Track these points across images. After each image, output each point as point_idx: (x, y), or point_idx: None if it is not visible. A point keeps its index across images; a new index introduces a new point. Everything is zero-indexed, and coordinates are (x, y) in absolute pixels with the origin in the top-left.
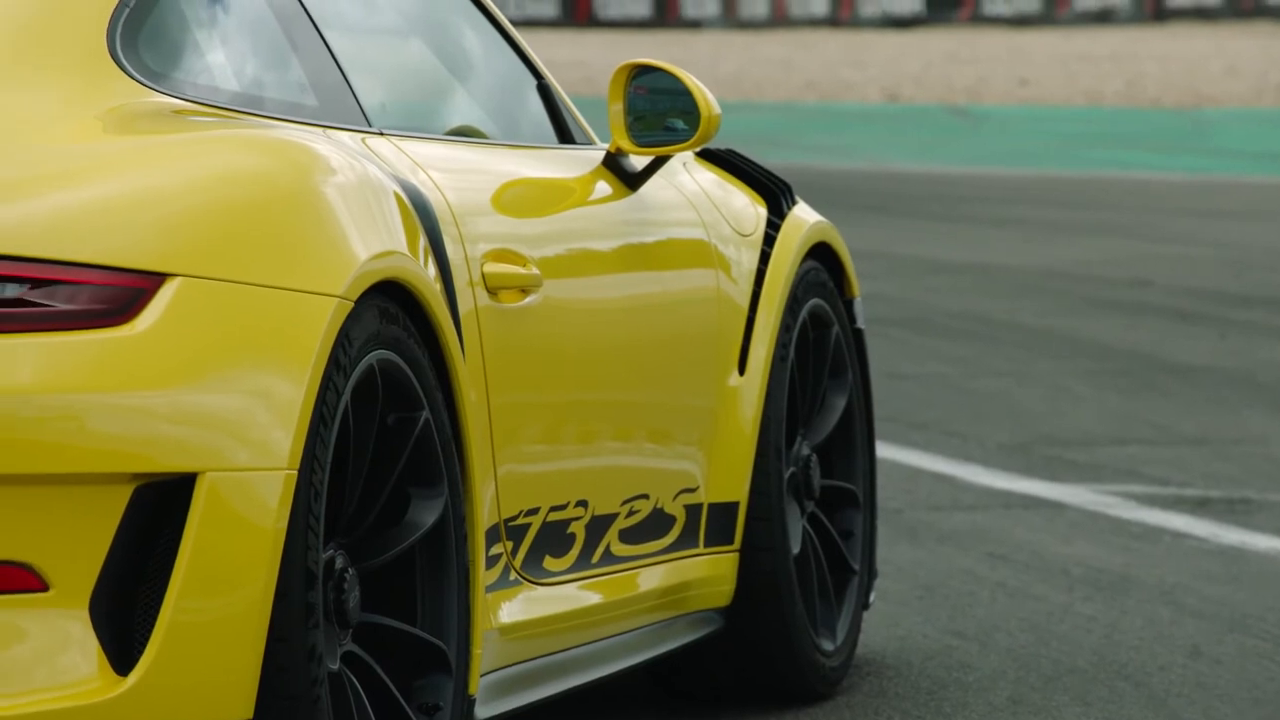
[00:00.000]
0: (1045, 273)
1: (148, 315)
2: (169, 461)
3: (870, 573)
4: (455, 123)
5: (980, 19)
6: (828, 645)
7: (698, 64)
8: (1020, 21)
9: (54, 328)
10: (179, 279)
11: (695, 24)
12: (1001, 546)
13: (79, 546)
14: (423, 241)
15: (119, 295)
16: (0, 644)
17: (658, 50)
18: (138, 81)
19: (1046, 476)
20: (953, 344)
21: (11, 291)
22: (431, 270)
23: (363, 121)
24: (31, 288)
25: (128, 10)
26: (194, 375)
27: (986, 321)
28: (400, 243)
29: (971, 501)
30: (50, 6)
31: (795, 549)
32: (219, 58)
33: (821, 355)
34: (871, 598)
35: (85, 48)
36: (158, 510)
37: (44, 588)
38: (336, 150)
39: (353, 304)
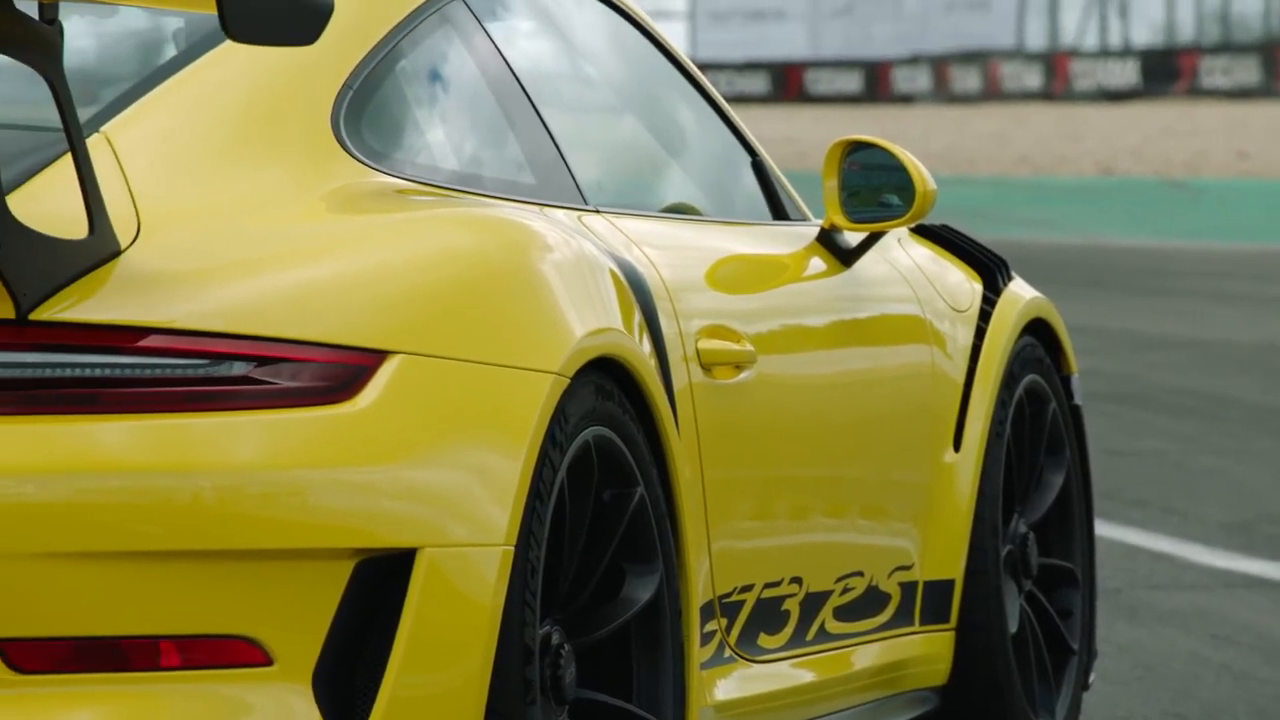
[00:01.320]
0: (1266, 348)
1: (369, 392)
2: (389, 537)
3: (1089, 652)
4: (670, 199)
5: (1197, 91)
6: None
7: (909, 138)
8: (1239, 94)
9: (279, 405)
10: (399, 356)
11: (907, 99)
12: (1224, 627)
13: (302, 621)
14: (638, 318)
15: (341, 373)
16: (226, 718)
17: (869, 125)
18: (360, 162)
19: (1270, 556)
20: (1171, 420)
21: (239, 369)
22: (646, 346)
23: (579, 199)
24: (258, 365)
25: (351, 92)
26: (414, 451)
27: (1205, 398)
28: (616, 319)
29: (1192, 581)
30: (277, 89)
31: (1012, 628)
32: (438, 136)
33: (1038, 432)
34: (1091, 678)
35: (310, 129)
36: (378, 585)
37: (268, 662)
38: (553, 228)
39: (569, 380)
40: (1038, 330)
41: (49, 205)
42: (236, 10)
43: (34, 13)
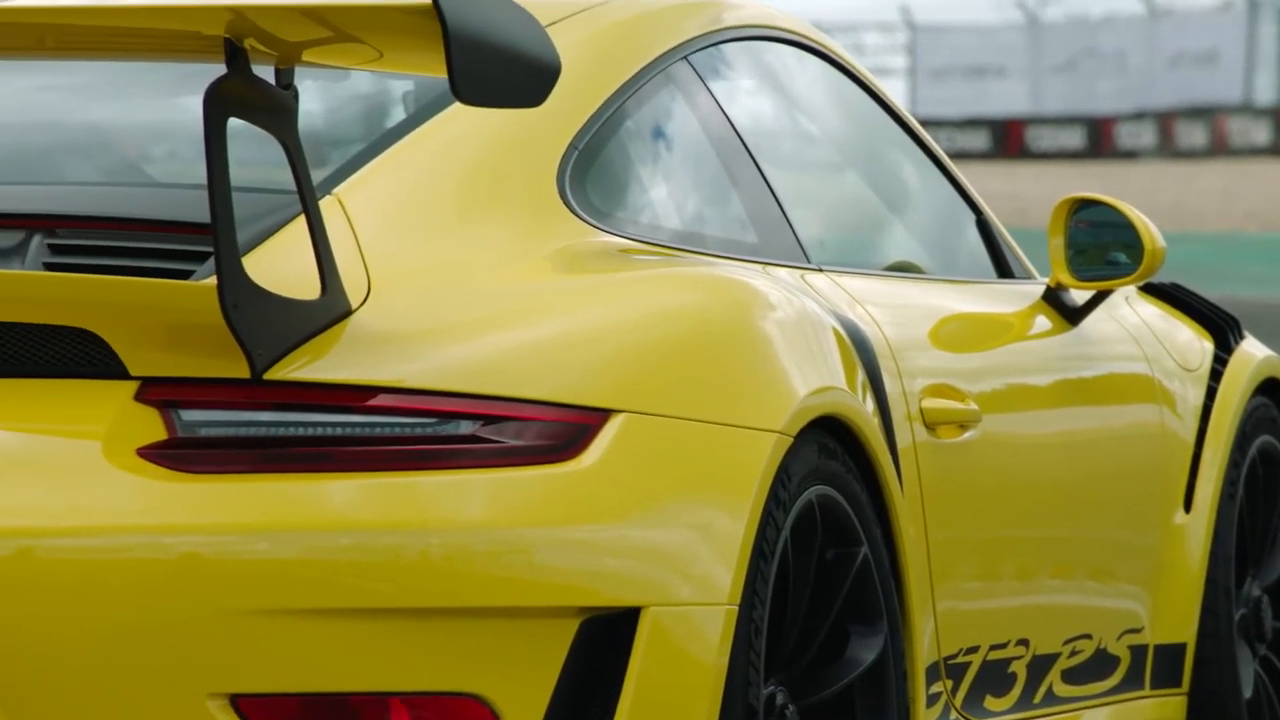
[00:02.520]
0: None
1: (593, 451)
2: (614, 595)
3: None
4: (893, 257)
5: None
6: None
7: (1134, 195)
8: None
9: (505, 463)
10: (623, 415)
11: (1130, 154)
12: None
13: (529, 679)
14: (861, 376)
15: (566, 431)
16: None
17: (1092, 182)
18: (584, 221)
19: None
20: None
21: (465, 428)
22: (870, 405)
23: (801, 257)
24: (484, 424)
25: (576, 152)
26: (637, 510)
27: None
28: (839, 378)
29: None
30: (503, 150)
31: (1247, 693)
32: (661, 195)
33: (1272, 493)
34: None
35: (536, 190)
36: (603, 644)
37: None
38: (775, 286)
39: (792, 439)
40: (1271, 390)
41: (283, 266)
42: (466, 73)
43: (270, 78)
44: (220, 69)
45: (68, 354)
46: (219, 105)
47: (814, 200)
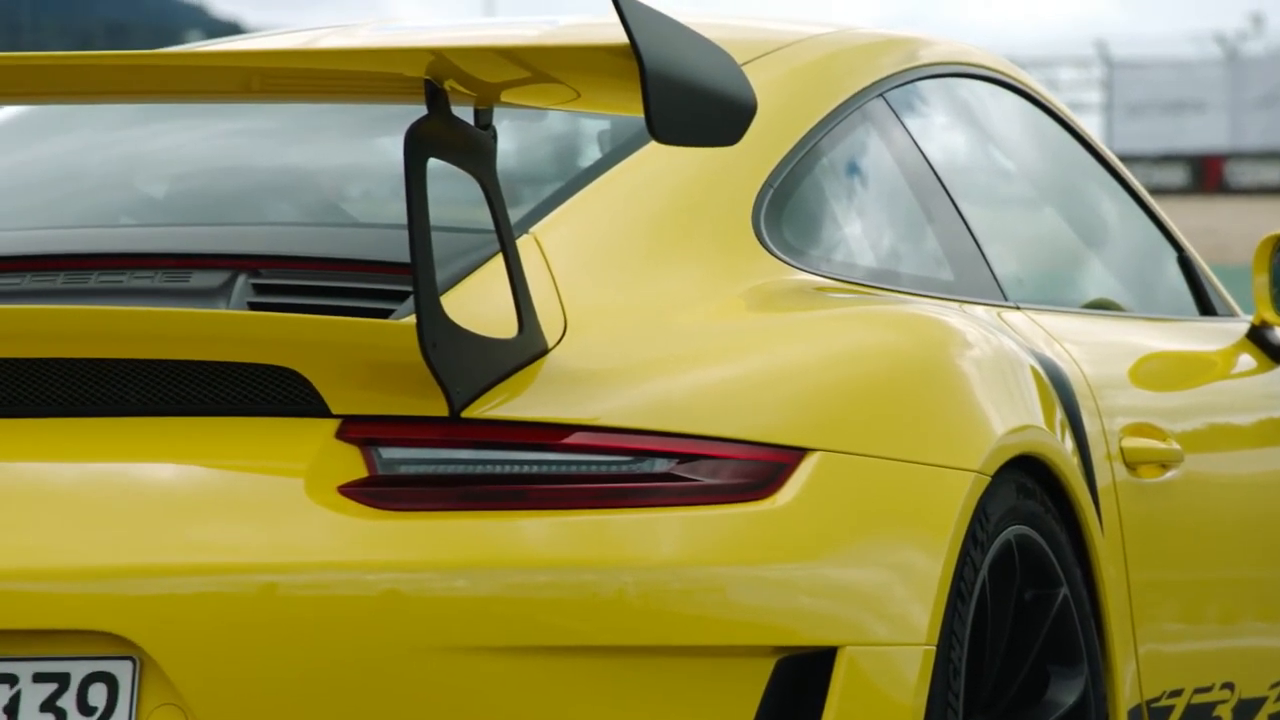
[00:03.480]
0: None
1: (788, 489)
2: (810, 635)
3: None
4: (1091, 294)
5: None
6: None
7: None
8: None
9: (700, 501)
10: (819, 453)
11: None
12: None
13: (724, 718)
14: (1059, 415)
15: (761, 470)
16: None
17: None
18: (779, 259)
19: None
20: None
21: (660, 466)
22: (1069, 444)
23: (998, 295)
24: (679, 462)
25: (772, 190)
26: (833, 549)
27: None
28: (1037, 416)
29: None
30: (699, 189)
31: None
32: (856, 232)
33: None
34: None
35: (731, 228)
36: (798, 684)
37: None
38: (971, 325)
39: (990, 479)
40: None
41: (480, 305)
42: (663, 112)
43: (469, 118)
44: (415, 110)
45: (270, 392)
46: (419, 146)
47: (1011, 237)
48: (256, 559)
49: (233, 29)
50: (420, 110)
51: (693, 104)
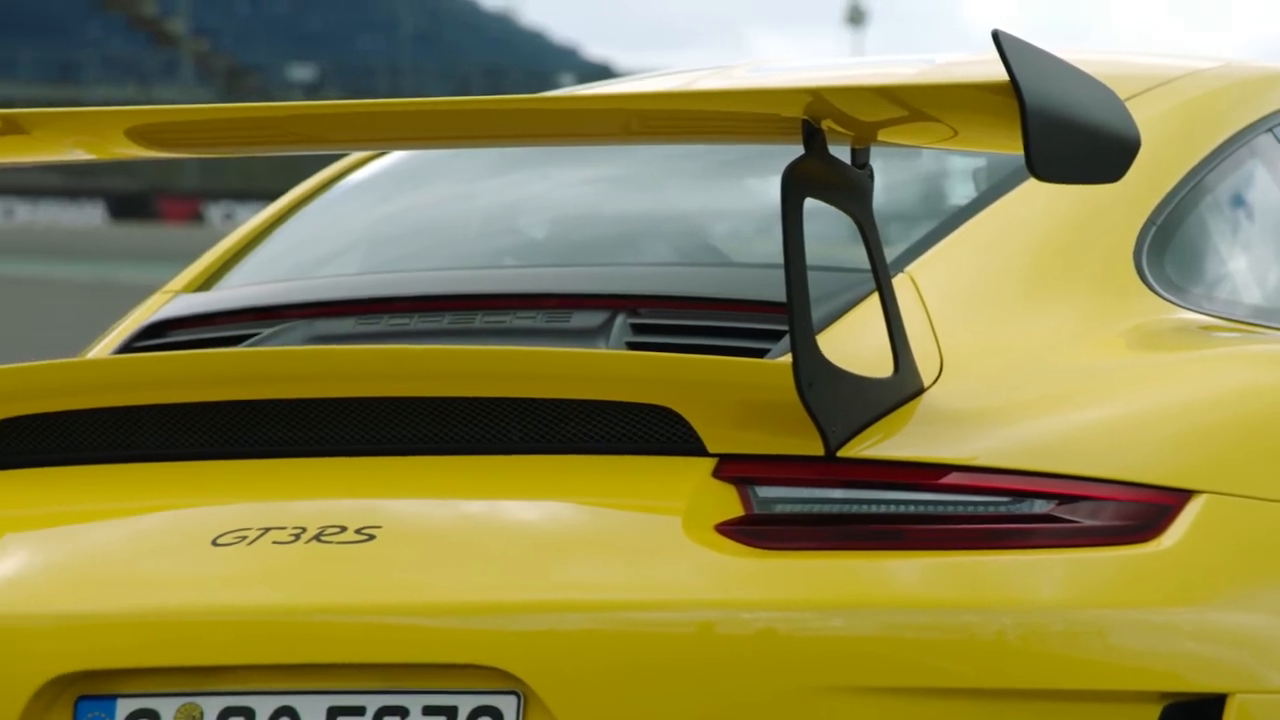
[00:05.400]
0: None
1: (1173, 532)
2: (1199, 681)
3: None
4: None
5: None
6: None
7: None
8: None
9: (1080, 543)
10: (1205, 495)
11: None
12: None
13: None
14: None
15: (1144, 511)
16: None
17: None
18: (1161, 298)
19: None
20: None
21: (1040, 507)
22: None
23: None
24: (1059, 504)
25: (1154, 228)
26: (1221, 593)
27: None
28: None
29: None
30: (1076, 226)
31: None
32: (1240, 268)
33: None
34: None
35: (1111, 265)
36: None
37: None
38: None
39: None
40: None
41: (856, 344)
42: (1044, 150)
43: (846, 157)
44: (773, 150)
45: (648, 431)
46: (796, 185)
47: None
48: (636, 596)
49: (604, 72)
50: (785, 150)
51: (1074, 141)
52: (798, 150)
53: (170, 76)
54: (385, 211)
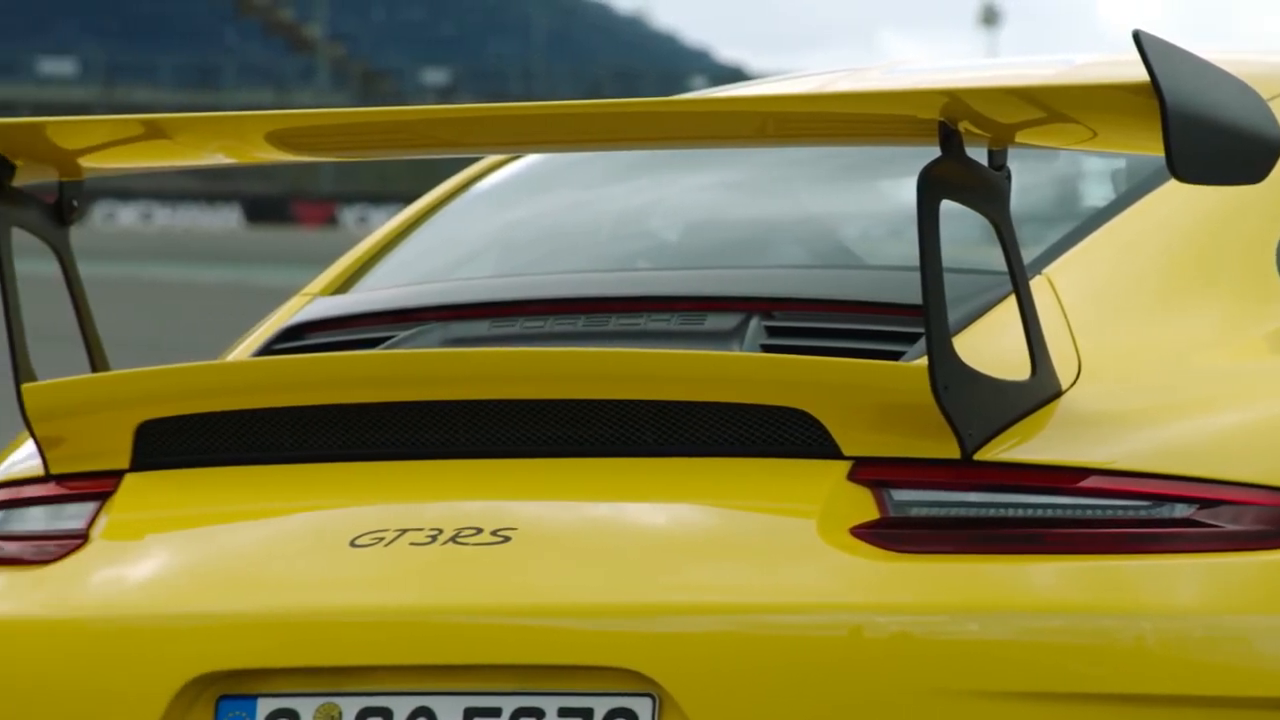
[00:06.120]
0: None
1: None
2: None
3: None
4: None
5: None
6: None
7: None
8: None
9: (1220, 548)
10: None
11: None
12: None
13: None
14: None
15: None
16: None
17: None
18: None
19: None
20: None
21: (1180, 512)
22: None
23: None
24: (1199, 508)
25: None
26: None
27: None
28: None
29: None
30: (1215, 228)
31: None
32: None
33: None
34: None
35: (1252, 267)
36: None
37: None
38: None
39: None
40: None
41: (992, 347)
42: (1185, 150)
43: (983, 159)
44: (896, 152)
45: (782, 434)
46: (932, 188)
47: None
48: (771, 599)
49: (737, 74)
50: (910, 153)
51: (1215, 141)
52: (922, 150)
53: (306, 81)
54: (518, 215)
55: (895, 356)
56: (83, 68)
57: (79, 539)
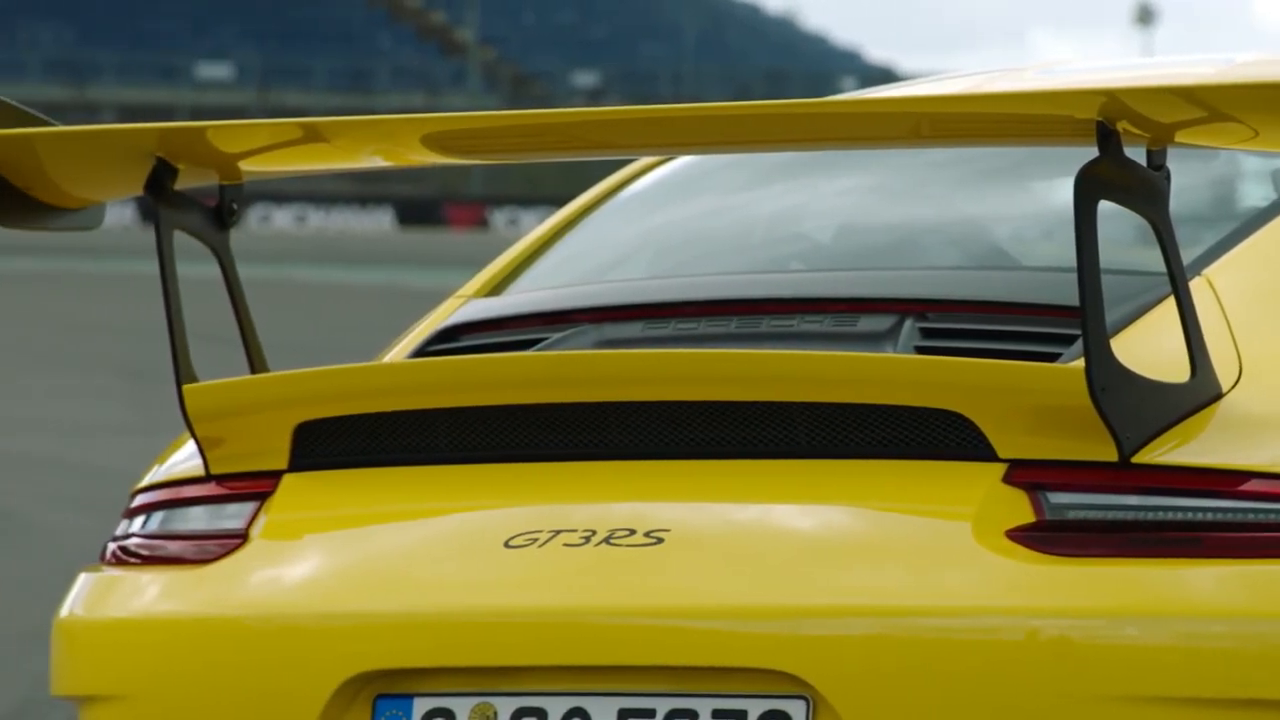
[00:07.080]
0: None
1: None
2: None
3: None
4: None
5: None
6: None
7: None
8: None
9: None
10: None
11: None
12: None
13: None
14: None
15: None
16: None
17: None
18: None
19: None
20: None
21: (1276, 516)
22: None
23: None
24: None
25: None
26: None
27: None
28: None
29: None
30: None
31: None
32: None
33: None
34: None
35: None
36: None
37: None
38: None
39: None
40: None
41: (1150, 349)
42: None
43: (1141, 159)
44: (1043, 153)
45: (937, 436)
46: (1090, 188)
47: None
48: (926, 602)
49: (887, 75)
50: (1058, 154)
51: None
52: (1069, 151)
53: (457, 85)
54: (668, 218)
55: (1051, 358)
56: (238, 72)
57: (239, 539)
